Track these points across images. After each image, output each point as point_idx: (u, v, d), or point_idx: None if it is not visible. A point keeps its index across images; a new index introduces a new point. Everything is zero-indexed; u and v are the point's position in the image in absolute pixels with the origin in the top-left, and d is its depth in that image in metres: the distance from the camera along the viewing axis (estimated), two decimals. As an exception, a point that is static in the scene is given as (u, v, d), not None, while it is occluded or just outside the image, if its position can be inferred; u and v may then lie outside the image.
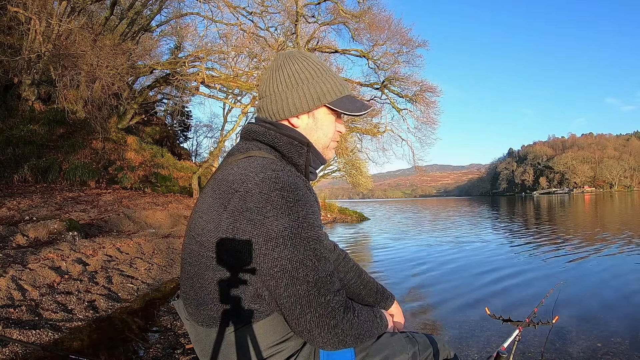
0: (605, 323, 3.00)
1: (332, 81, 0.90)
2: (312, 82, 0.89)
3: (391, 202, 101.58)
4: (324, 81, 0.90)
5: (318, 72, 0.90)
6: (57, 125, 11.02)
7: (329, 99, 0.90)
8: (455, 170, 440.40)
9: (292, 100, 0.89)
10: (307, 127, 0.92)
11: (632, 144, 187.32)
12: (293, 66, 0.90)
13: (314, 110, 0.91)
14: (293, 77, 0.89)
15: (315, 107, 0.90)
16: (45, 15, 9.74)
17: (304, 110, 0.90)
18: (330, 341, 0.75)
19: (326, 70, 0.92)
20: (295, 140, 0.88)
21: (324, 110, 0.92)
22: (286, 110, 0.90)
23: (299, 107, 0.89)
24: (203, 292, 0.80)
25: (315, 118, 0.92)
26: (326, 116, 0.93)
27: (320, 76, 0.90)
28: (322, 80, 0.90)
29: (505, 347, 1.10)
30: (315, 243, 0.74)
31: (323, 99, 0.89)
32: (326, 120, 0.93)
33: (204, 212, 0.79)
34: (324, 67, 0.92)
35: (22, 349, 2.39)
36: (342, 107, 0.91)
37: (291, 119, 0.91)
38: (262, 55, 12.89)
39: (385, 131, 17.88)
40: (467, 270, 5.28)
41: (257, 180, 0.74)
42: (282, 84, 0.89)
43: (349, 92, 0.94)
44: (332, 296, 0.74)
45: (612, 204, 28.25)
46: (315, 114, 0.92)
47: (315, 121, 0.92)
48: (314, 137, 0.93)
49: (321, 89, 0.89)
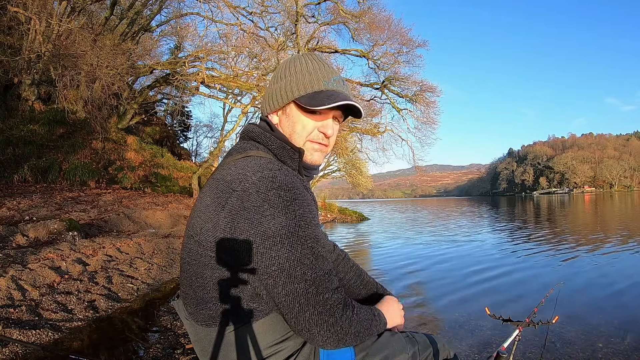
0: (606, 323, 3.00)
1: (308, 76, 0.86)
2: (289, 78, 0.88)
3: (391, 202, 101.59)
4: (300, 77, 0.87)
5: (300, 68, 0.87)
6: (57, 125, 11.02)
7: (297, 94, 0.86)
8: (455, 170, 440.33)
9: (269, 96, 0.91)
10: (281, 124, 0.90)
11: (632, 144, 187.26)
12: (286, 64, 0.91)
13: (286, 107, 0.89)
14: (279, 75, 0.90)
15: (284, 103, 0.88)
16: (45, 15, 9.74)
17: (275, 107, 0.90)
18: (329, 339, 0.74)
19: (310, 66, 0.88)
20: (288, 145, 0.87)
21: (292, 107, 0.88)
22: (265, 106, 0.92)
23: (273, 103, 0.90)
24: (202, 292, 0.80)
25: (287, 115, 0.89)
26: (295, 113, 0.88)
27: (299, 72, 0.87)
28: (299, 75, 0.87)
29: (505, 347, 1.10)
30: (313, 241, 0.74)
31: (290, 94, 0.87)
32: (297, 118, 0.88)
33: (202, 211, 0.79)
34: (310, 63, 0.88)
35: (22, 349, 2.39)
36: (307, 103, 0.85)
37: (270, 115, 0.92)
38: (262, 55, 12.90)
39: (385, 131, 17.89)
40: (467, 270, 5.27)
41: (254, 179, 0.74)
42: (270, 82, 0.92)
43: (329, 87, 0.86)
44: (330, 294, 0.74)
45: (612, 204, 28.24)
46: (287, 110, 0.89)
47: (287, 118, 0.89)
48: (287, 134, 0.89)
49: (291, 84, 0.87)
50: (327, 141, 0.91)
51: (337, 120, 0.92)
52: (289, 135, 0.89)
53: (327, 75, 0.88)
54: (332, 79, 0.88)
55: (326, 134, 0.89)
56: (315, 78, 0.86)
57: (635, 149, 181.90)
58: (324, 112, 0.87)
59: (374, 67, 17.84)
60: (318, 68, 0.88)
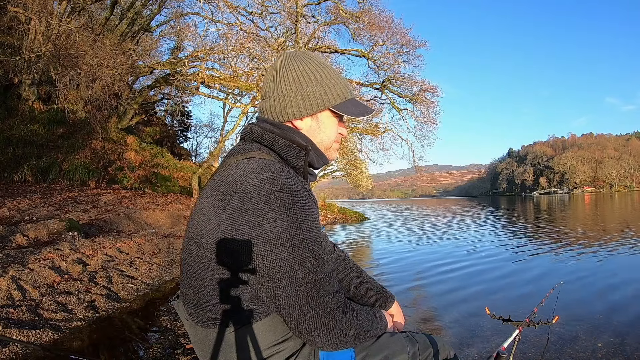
0: (606, 323, 3.00)
1: (337, 84, 0.91)
2: (316, 85, 0.89)
3: (391, 202, 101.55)
4: (329, 84, 0.90)
5: (322, 74, 0.90)
6: (57, 125, 11.02)
7: (333, 103, 0.90)
8: (455, 170, 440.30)
9: (296, 103, 0.89)
10: (310, 130, 0.92)
11: (632, 144, 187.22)
12: (297, 67, 0.90)
13: (318, 113, 0.91)
14: (297, 80, 0.89)
15: (319, 110, 0.90)
16: (45, 15, 9.73)
17: (308, 113, 0.90)
18: (329, 342, 0.75)
19: (330, 72, 0.92)
20: (294, 143, 0.88)
21: (327, 113, 0.92)
22: (289, 112, 0.90)
23: (302, 110, 0.89)
24: (202, 293, 0.80)
25: (319, 121, 0.92)
26: (329, 119, 0.93)
27: (324, 79, 0.90)
28: (327, 83, 0.90)
29: (505, 347, 1.10)
30: (314, 244, 0.74)
31: (327, 103, 0.90)
32: (329, 123, 0.93)
33: (203, 212, 0.79)
34: (328, 68, 0.92)
35: (22, 349, 2.39)
36: (346, 111, 0.91)
37: (294, 121, 0.91)
38: (262, 55, 12.89)
39: (385, 131, 17.88)
40: (466, 269, 5.27)
41: (255, 181, 0.74)
42: (286, 86, 0.89)
43: (353, 95, 0.95)
44: (330, 297, 0.74)
45: (612, 204, 28.25)
46: (319, 116, 0.92)
47: (318, 124, 0.92)
48: (317, 139, 0.93)
49: (325, 92, 0.89)
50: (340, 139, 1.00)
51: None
52: (320, 139, 0.94)
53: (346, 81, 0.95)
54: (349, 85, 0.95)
55: (343, 134, 0.99)
56: (344, 85, 0.93)
57: (636, 149, 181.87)
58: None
59: (374, 67, 17.84)
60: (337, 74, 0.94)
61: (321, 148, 0.94)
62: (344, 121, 1.00)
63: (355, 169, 21.65)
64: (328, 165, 21.38)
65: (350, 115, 0.91)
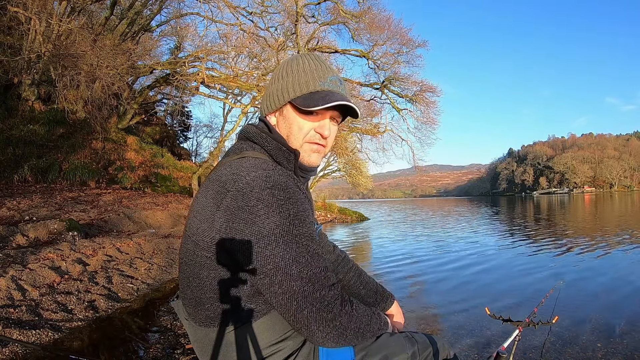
0: (606, 323, 3.00)
1: (304, 77, 0.86)
2: (285, 79, 0.88)
3: (391, 202, 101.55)
4: (296, 77, 0.86)
5: (296, 69, 0.87)
6: (57, 125, 11.02)
7: (292, 96, 0.86)
8: (455, 170, 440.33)
9: (267, 98, 0.91)
10: (278, 125, 0.91)
11: (632, 144, 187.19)
12: (283, 64, 0.91)
13: (282, 108, 0.89)
14: (276, 76, 0.90)
15: (280, 104, 0.88)
16: (45, 15, 9.73)
17: (271, 109, 0.90)
18: (329, 335, 0.74)
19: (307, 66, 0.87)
20: (284, 146, 0.87)
21: (288, 108, 0.88)
22: (264, 108, 0.92)
23: (270, 104, 0.90)
24: (200, 292, 0.80)
25: (284, 116, 0.89)
26: (292, 114, 0.88)
27: (295, 73, 0.87)
28: (295, 76, 0.86)
29: (505, 347, 1.10)
30: (307, 240, 0.75)
31: (286, 96, 0.87)
32: (293, 119, 0.88)
33: (199, 211, 0.80)
34: (308, 64, 0.88)
35: (22, 349, 2.39)
36: (302, 104, 0.84)
37: (268, 116, 0.92)
38: (262, 55, 12.89)
39: (385, 131, 17.87)
40: (466, 269, 5.27)
41: (248, 179, 0.75)
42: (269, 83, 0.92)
43: (324, 87, 0.85)
44: (327, 290, 0.74)
45: (612, 204, 28.24)
46: (284, 111, 0.89)
47: (284, 119, 0.89)
48: (284, 135, 0.89)
49: (286, 85, 0.87)
50: (324, 142, 0.90)
51: (335, 120, 0.92)
52: (287, 136, 0.89)
53: (323, 75, 0.87)
54: (328, 79, 0.87)
55: (323, 134, 0.88)
56: (311, 78, 0.86)
57: (635, 149, 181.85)
58: (320, 113, 0.87)
59: (374, 67, 17.83)
60: (315, 68, 0.87)
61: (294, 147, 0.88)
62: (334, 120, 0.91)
63: (355, 169, 21.62)
64: (327, 166, 21.33)
65: (306, 108, 0.84)
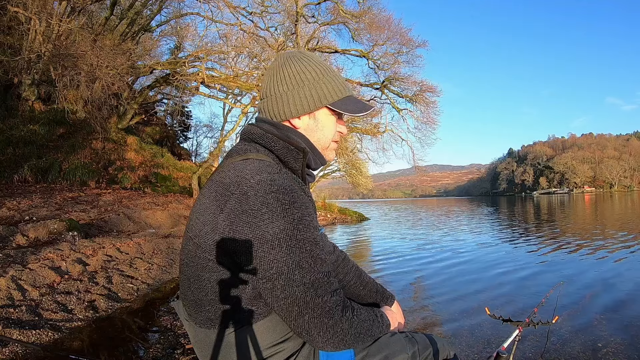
0: (606, 323, 3.00)
1: (334, 82, 0.90)
2: (313, 83, 0.89)
3: (391, 202, 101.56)
4: (326, 82, 0.90)
5: (320, 72, 0.90)
6: (57, 125, 11.02)
7: (330, 100, 0.90)
8: (455, 170, 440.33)
9: (292, 102, 0.89)
10: (307, 128, 0.92)
11: (632, 144, 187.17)
12: (295, 67, 0.90)
13: (315, 112, 0.91)
14: (294, 78, 0.89)
15: (317, 108, 0.90)
16: (45, 15, 9.73)
17: (305, 112, 0.90)
18: (329, 341, 0.74)
19: (328, 70, 0.91)
20: (292, 145, 0.87)
21: (324, 111, 0.92)
22: (287, 111, 0.90)
23: (299, 108, 0.89)
24: (201, 294, 0.80)
25: (316, 119, 0.92)
26: (327, 117, 0.93)
27: (322, 77, 0.90)
28: (324, 81, 0.90)
29: (505, 347, 1.10)
30: (311, 245, 0.74)
31: (324, 100, 0.90)
32: (327, 121, 0.93)
33: (201, 213, 0.79)
34: (325, 67, 0.92)
35: (22, 349, 2.39)
36: (344, 108, 0.91)
37: (292, 119, 0.91)
38: (262, 55, 12.88)
39: (385, 131, 17.86)
40: (466, 269, 5.27)
41: (252, 182, 0.74)
42: (283, 85, 0.89)
43: (350, 92, 0.94)
44: (329, 296, 0.74)
45: (612, 204, 28.24)
46: (317, 114, 0.92)
47: (316, 122, 0.92)
48: (315, 137, 0.93)
49: (322, 90, 0.89)
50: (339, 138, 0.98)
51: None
52: (317, 138, 0.93)
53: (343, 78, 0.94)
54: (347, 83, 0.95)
55: (343, 132, 0.97)
56: (342, 83, 0.92)
57: (635, 149, 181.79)
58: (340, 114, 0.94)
59: (374, 67, 17.82)
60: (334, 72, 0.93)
61: (318, 147, 0.94)
62: (344, 120, 0.99)
63: (355, 169, 21.60)
64: (327, 165, 21.38)
65: (348, 113, 0.90)
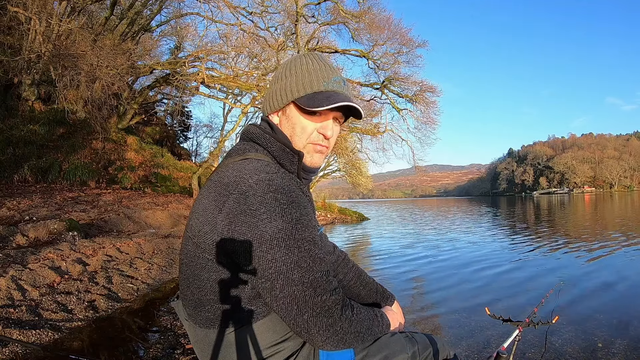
0: (606, 323, 2.99)
1: (307, 76, 0.85)
2: (288, 78, 0.87)
3: (391, 202, 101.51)
4: (298, 76, 0.86)
5: (298, 68, 0.87)
6: (57, 125, 11.02)
7: (296, 95, 0.85)
8: (455, 170, 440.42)
9: (269, 97, 0.91)
10: (281, 125, 0.90)
11: (632, 144, 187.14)
12: (287, 64, 0.90)
13: (286, 108, 0.89)
14: (279, 75, 0.90)
15: (283, 104, 0.88)
16: (45, 15, 9.73)
17: (274, 108, 0.90)
18: (328, 340, 0.74)
19: (309, 65, 0.87)
20: (288, 147, 0.86)
21: (293, 108, 0.88)
22: (266, 106, 0.92)
23: (272, 104, 0.90)
24: (200, 293, 0.80)
25: (287, 116, 0.89)
26: (296, 114, 0.87)
27: (297, 72, 0.86)
28: (297, 75, 0.86)
29: (505, 347, 1.10)
30: (310, 244, 0.74)
31: (289, 95, 0.86)
32: (296, 119, 0.87)
33: (200, 213, 0.79)
34: (310, 64, 0.87)
35: (22, 349, 2.39)
36: (307, 104, 0.84)
37: (270, 116, 0.92)
38: (262, 55, 12.89)
39: (385, 131, 17.84)
40: (467, 270, 5.27)
41: (251, 182, 0.74)
42: (271, 82, 0.91)
43: (326, 88, 0.85)
44: (328, 295, 0.74)
45: (612, 204, 28.24)
46: (287, 111, 0.89)
47: (287, 119, 0.89)
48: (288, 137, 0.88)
49: (290, 84, 0.86)
50: (327, 142, 0.90)
51: (338, 121, 0.91)
52: (290, 136, 0.88)
53: (327, 75, 0.86)
54: (332, 80, 0.86)
55: (326, 135, 0.88)
56: (315, 78, 0.85)
57: (635, 149, 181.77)
58: (324, 113, 0.86)
59: (374, 67, 17.83)
60: (318, 68, 0.87)
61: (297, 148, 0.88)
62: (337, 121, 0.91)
63: (355, 169, 21.60)
64: (327, 166, 21.31)
65: (309, 108, 0.83)
